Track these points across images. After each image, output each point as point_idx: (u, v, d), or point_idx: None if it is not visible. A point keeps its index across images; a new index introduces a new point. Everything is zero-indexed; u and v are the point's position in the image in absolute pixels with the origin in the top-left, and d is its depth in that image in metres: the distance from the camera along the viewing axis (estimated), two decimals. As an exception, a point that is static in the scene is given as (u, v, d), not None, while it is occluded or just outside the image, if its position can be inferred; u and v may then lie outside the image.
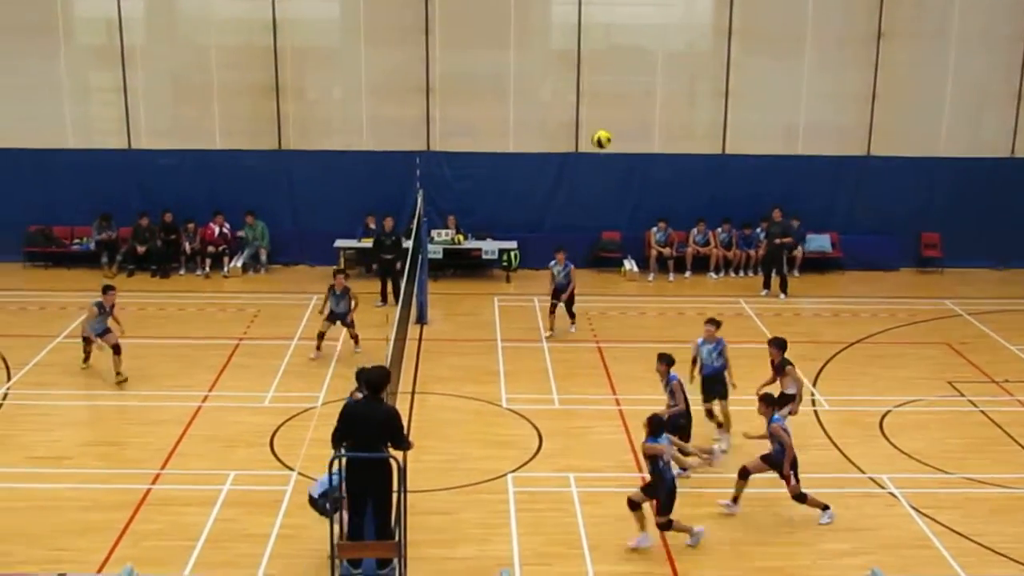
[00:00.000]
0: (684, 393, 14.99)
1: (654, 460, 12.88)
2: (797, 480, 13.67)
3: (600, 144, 19.49)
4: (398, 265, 22.45)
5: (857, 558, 12.92)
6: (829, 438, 16.51)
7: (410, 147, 25.50)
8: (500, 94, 26.21)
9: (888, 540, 13.46)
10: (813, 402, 17.95)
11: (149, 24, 26.59)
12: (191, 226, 25.46)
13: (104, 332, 18.19)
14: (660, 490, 12.88)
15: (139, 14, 26.17)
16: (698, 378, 16.20)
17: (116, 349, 18.08)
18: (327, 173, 25.92)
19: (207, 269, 25.45)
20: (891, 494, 14.69)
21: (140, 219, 25.28)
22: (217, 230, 25.51)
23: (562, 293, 20.76)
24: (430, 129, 26.12)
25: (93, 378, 18.24)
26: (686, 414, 14.96)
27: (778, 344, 15.82)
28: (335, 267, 20.96)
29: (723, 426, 15.92)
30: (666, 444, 12.97)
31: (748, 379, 16.01)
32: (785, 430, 13.66)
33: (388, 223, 23.64)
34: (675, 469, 13.42)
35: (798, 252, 25.43)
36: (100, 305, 18.16)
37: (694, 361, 16.28)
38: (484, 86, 26.35)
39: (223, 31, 26.08)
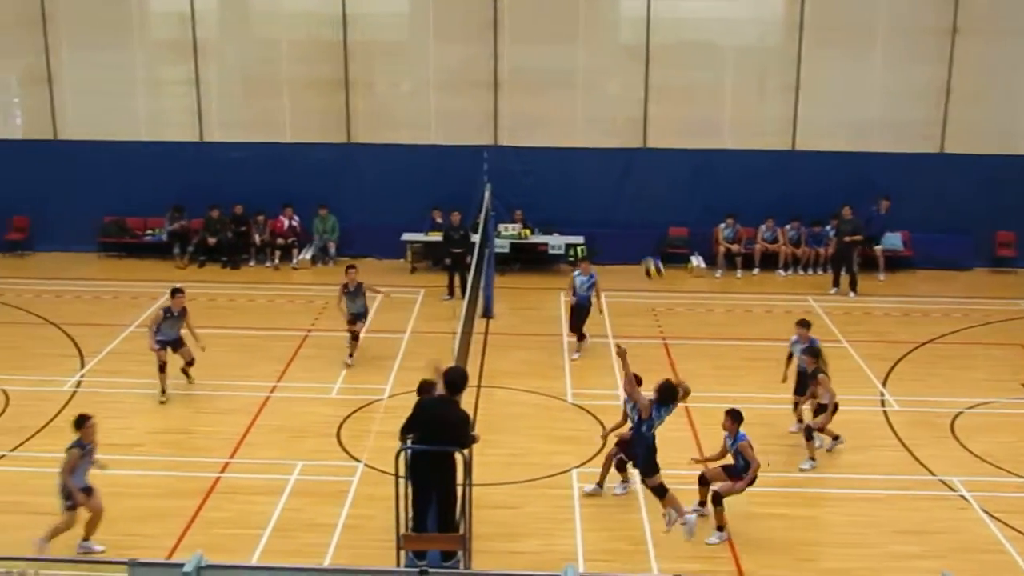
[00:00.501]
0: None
1: (639, 422, 12.92)
2: (738, 491, 13.28)
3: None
4: (467, 259, 22.50)
5: (927, 561, 12.73)
6: (899, 439, 16.29)
7: (477, 141, 25.56)
8: (568, 89, 26.20)
9: (959, 544, 13.25)
10: (883, 402, 17.73)
11: (221, 18, 26.98)
12: (261, 218, 25.74)
13: (177, 343, 17.36)
14: (638, 447, 12.82)
15: (211, 8, 26.58)
16: (791, 377, 16.21)
17: (190, 363, 17.51)
18: (395, 167, 26.08)
19: (276, 261, 25.70)
20: (962, 497, 14.46)
21: (211, 211, 25.60)
22: (286, 222, 25.76)
23: (581, 311, 19.65)
24: (497, 123, 26.16)
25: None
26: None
27: (812, 352, 15.57)
28: (347, 263, 20.22)
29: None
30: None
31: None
32: (751, 446, 13.24)
33: (456, 217, 23.69)
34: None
35: (878, 249, 25.05)
36: (167, 310, 17.30)
37: (789, 358, 16.22)
38: (552, 81, 26.31)
39: (293, 25, 26.35)
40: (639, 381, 13.67)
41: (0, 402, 17.16)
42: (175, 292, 17.58)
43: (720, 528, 13.21)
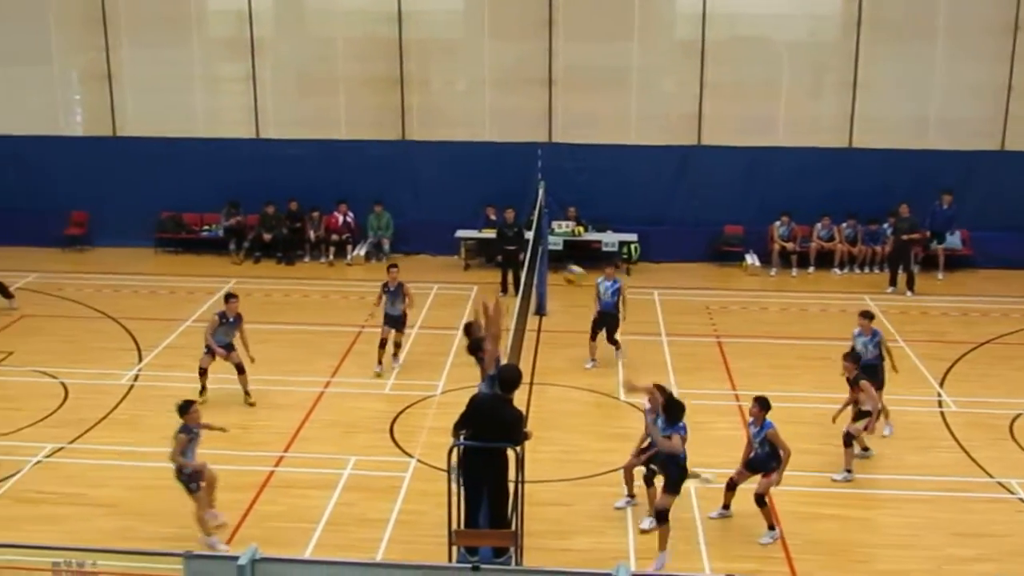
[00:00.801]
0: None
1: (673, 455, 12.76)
2: (775, 484, 13.07)
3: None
4: (520, 256, 22.50)
5: (983, 564, 12.58)
6: (956, 440, 16.07)
7: (532, 139, 25.54)
8: (622, 86, 26.13)
9: (1017, 547, 13.05)
10: (940, 403, 17.50)
11: (278, 16, 27.20)
12: (316, 215, 25.93)
13: (228, 347, 17.10)
14: (673, 466, 12.73)
15: (268, 6, 26.80)
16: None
17: (239, 368, 17.03)
18: (449, 164, 26.14)
19: (331, 257, 25.87)
20: (1020, 500, 14.24)
21: (267, 207, 25.81)
22: (341, 219, 25.92)
23: (607, 320, 18.79)
24: (552, 121, 26.13)
25: (218, 361, 17.51)
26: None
27: (852, 358, 15.15)
28: (388, 262, 20.03)
29: (882, 415, 15.60)
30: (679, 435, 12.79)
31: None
32: (778, 433, 12.98)
33: (510, 214, 23.70)
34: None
35: (939, 248, 24.79)
36: (222, 315, 17.06)
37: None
38: (607, 78, 26.25)
39: (349, 23, 26.50)
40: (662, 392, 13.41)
41: (59, 395, 17.43)
42: (228, 297, 17.42)
43: (772, 527, 13.12)
